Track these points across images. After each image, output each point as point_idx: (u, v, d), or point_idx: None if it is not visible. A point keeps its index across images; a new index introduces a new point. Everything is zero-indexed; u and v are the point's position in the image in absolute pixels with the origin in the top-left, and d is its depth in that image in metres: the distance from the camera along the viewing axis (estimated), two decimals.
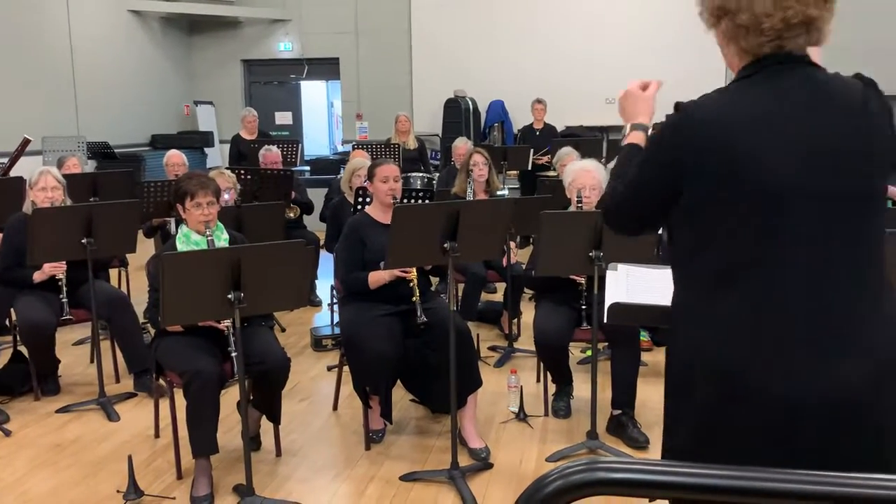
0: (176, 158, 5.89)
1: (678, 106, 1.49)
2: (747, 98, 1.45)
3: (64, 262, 4.01)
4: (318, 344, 4.98)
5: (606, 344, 3.92)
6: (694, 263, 1.49)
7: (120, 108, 10.25)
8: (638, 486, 0.88)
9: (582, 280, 3.63)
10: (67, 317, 4.04)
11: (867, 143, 1.43)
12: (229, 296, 2.75)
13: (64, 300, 4.02)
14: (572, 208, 3.77)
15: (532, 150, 7.63)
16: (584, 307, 3.63)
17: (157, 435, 3.63)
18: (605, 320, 2.00)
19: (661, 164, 1.51)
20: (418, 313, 3.43)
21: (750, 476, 0.86)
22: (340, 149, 11.99)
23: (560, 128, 9.55)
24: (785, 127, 1.42)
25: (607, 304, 1.97)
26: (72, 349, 4.96)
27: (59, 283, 4.03)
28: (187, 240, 3.30)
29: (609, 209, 1.64)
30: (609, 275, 2.05)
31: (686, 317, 1.50)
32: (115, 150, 9.59)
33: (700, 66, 10.20)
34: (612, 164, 4.97)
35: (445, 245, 3.01)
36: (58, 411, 3.96)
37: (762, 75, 1.46)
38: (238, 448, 3.25)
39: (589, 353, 4.35)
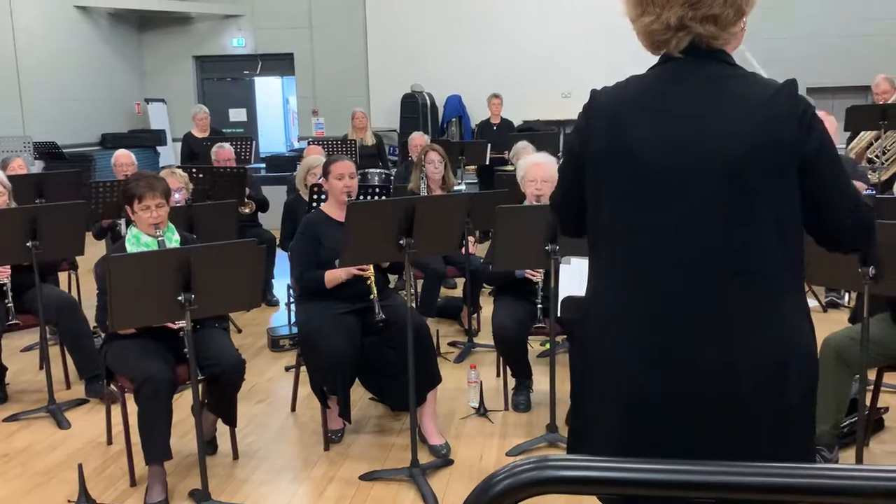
0: (124, 158, 5.73)
1: (591, 92, 1.52)
2: (643, 89, 1.46)
3: (7, 267, 3.89)
4: (275, 344, 4.91)
5: (565, 336, 3.92)
6: (590, 253, 1.52)
7: (68, 107, 9.98)
8: (589, 483, 0.86)
9: (536, 276, 3.61)
10: (13, 322, 3.92)
11: (755, 144, 1.36)
12: (179, 297, 2.69)
13: (9, 305, 3.90)
14: (528, 202, 3.77)
15: (489, 145, 7.61)
16: (538, 304, 3.62)
17: (109, 442, 3.54)
18: (558, 314, 2.00)
19: (571, 149, 1.55)
20: (376, 311, 3.40)
21: (704, 470, 0.85)
22: (297, 145, 11.85)
23: (517, 122, 9.56)
24: (664, 121, 1.41)
25: (561, 297, 1.97)
26: (20, 356, 4.81)
27: (3, 288, 3.90)
28: (137, 241, 3.22)
29: (552, 211, 1.67)
30: (563, 268, 2.05)
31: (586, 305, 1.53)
32: (64, 151, 9.34)
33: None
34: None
35: (401, 241, 2.98)
36: (5, 420, 3.84)
37: (664, 67, 1.48)
38: (193, 452, 3.19)
39: (548, 346, 4.35)
